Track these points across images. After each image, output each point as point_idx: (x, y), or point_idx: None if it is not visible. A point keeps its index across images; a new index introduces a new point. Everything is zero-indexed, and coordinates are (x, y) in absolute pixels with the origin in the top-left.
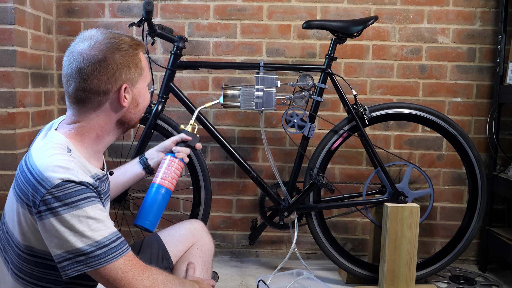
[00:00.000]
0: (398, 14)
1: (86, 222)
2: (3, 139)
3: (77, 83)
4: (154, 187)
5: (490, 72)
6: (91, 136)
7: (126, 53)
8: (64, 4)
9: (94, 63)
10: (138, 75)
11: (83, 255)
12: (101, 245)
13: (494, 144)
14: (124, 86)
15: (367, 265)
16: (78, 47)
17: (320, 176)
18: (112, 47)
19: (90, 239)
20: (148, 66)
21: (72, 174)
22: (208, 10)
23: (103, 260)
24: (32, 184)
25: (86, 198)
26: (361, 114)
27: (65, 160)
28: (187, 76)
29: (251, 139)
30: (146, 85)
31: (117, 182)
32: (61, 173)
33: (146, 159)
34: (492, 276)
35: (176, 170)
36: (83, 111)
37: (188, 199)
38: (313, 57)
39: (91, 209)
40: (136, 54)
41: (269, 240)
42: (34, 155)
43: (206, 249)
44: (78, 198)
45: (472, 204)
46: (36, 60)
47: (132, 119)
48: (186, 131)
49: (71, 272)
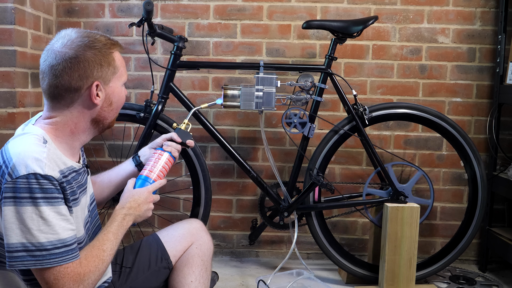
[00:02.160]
0: (398, 14)
1: (37, 221)
2: (3, 139)
3: (50, 79)
4: (141, 179)
5: (490, 72)
6: (66, 131)
7: (99, 51)
8: (64, 4)
9: (66, 60)
10: (111, 74)
11: (24, 251)
12: (43, 247)
13: (494, 144)
14: (95, 84)
15: (367, 265)
16: (53, 45)
17: (320, 176)
18: (84, 45)
19: (34, 238)
20: (124, 66)
21: (39, 166)
22: (208, 10)
23: (39, 262)
24: (1, 171)
25: (46, 197)
26: (361, 114)
27: (37, 151)
28: (187, 76)
29: (251, 139)
30: (122, 84)
31: (110, 181)
32: (29, 164)
33: (139, 156)
34: (492, 276)
35: (164, 164)
36: (57, 107)
37: (188, 199)
38: (313, 57)
39: (47, 209)
40: (110, 52)
41: (269, 240)
42: (10, 145)
43: (205, 248)
44: (39, 195)
45: (472, 204)
46: (36, 60)
47: (106, 118)
48: (178, 129)
49: (15, 264)
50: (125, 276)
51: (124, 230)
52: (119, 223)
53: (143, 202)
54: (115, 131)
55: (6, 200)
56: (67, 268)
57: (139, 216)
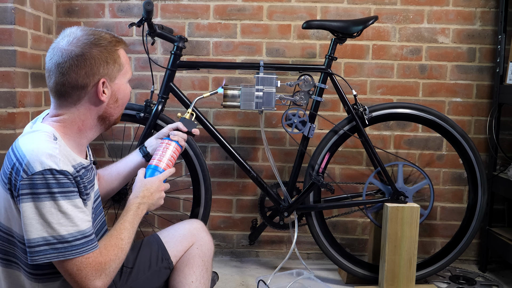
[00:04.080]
0: (398, 14)
1: (57, 215)
2: (3, 139)
3: (56, 77)
4: (151, 168)
5: (490, 72)
6: (73, 129)
7: (104, 49)
8: (64, 4)
9: (72, 57)
10: (116, 71)
11: (46, 245)
12: (64, 240)
13: (494, 144)
14: (102, 81)
15: (367, 265)
16: (59, 43)
17: (320, 176)
18: (90, 42)
19: (55, 231)
20: (129, 63)
21: (54, 161)
22: (208, 10)
23: (61, 254)
24: (16, 168)
25: (63, 192)
26: (361, 114)
27: (50, 147)
28: (187, 76)
29: (251, 139)
30: (127, 81)
31: (119, 173)
32: (44, 160)
33: (145, 147)
34: (492, 276)
35: (172, 153)
36: (64, 105)
37: (188, 199)
38: (313, 57)
39: (65, 203)
40: (115, 50)
41: (269, 240)
42: (21, 142)
43: (206, 248)
44: (56, 190)
45: (472, 204)
46: (36, 60)
47: (112, 114)
48: (183, 118)
49: (37, 259)
50: (126, 276)
51: (139, 219)
52: (134, 212)
53: (156, 190)
54: (115, 131)
55: (24, 196)
56: (89, 258)
57: (153, 205)
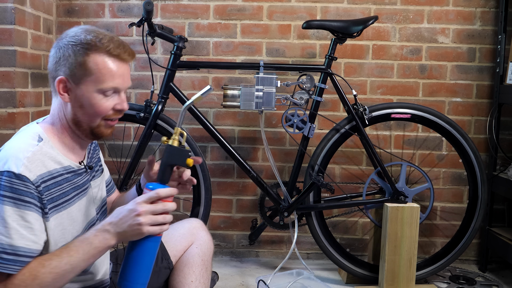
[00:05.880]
0: (398, 14)
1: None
2: (3, 139)
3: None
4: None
5: (490, 72)
6: (58, 127)
7: (78, 50)
8: (64, 4)
9: (55, 48)
10: (82, 75)
11: None
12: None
13: (494, 144)
14: (60, 78)
15: (367, 265)
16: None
17: (320, 176)
18: (74, 40)
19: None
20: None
21: (16, 164)
22: (208, 10)
23: None
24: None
25: (13, 197)
26: (361, 114)
27: (22, 149)
28: (187, 76)
29: (251, 139)
30: (97, 91)
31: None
32: (8, 161)
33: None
34: (492, 276)
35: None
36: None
37: (188, 199)
38: (313, 57)
39: (9, 209)
40: (86, 53)
41: (269, 240)
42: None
43: (206, 248)
44: (7, 194)
45: (472, 204)
46: (36, 60)
47: (82, 120)
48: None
49: None
50: None
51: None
52: (85, 239)
53: (126, 215)
54: (115, 131)
55: None
56: (5, 282)
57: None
